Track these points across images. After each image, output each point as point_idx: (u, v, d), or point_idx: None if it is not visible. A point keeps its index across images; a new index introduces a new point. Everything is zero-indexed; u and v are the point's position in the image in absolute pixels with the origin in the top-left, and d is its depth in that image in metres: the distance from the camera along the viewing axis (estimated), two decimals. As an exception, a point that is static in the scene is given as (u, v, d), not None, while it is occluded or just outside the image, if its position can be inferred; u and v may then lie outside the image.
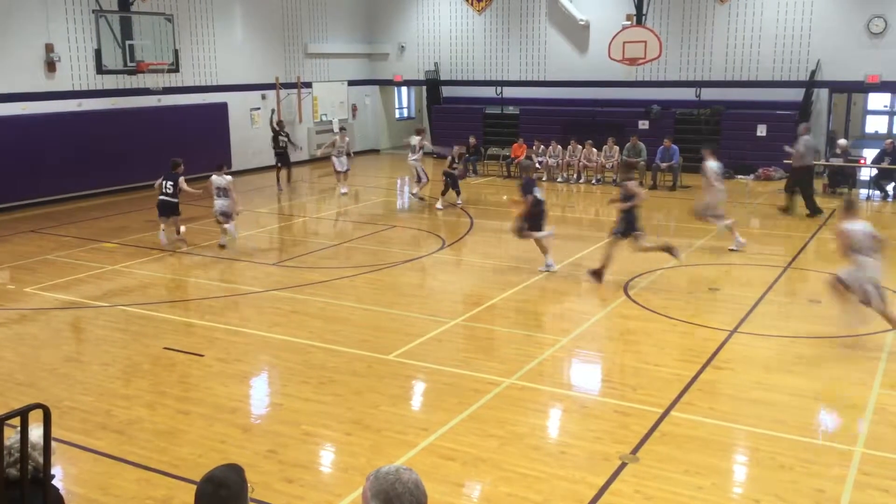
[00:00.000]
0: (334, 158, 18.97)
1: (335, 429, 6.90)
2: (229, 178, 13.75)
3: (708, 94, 21.97)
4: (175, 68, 19.58)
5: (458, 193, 17.43)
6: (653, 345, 8.88)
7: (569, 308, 10.51)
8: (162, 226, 13.60)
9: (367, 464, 6.14)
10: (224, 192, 13.56)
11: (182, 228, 13.78)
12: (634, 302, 10.39)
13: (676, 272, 12.01)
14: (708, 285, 11.20)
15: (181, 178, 13.44)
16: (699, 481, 5.93)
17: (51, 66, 17.65)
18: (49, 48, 17.56)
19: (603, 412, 7.19)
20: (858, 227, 8.79)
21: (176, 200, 13.41)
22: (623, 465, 6.14)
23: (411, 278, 11.95)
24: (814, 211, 16.37)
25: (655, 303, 10.29)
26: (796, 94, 21.08)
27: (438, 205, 16.99)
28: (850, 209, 9.19)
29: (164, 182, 13.45)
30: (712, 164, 13.56)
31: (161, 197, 13.43)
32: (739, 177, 21.08)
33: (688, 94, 22.22)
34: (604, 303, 10.46)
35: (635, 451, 6.37)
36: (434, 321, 9.69)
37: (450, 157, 17.42)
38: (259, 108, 23.08)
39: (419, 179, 18.03)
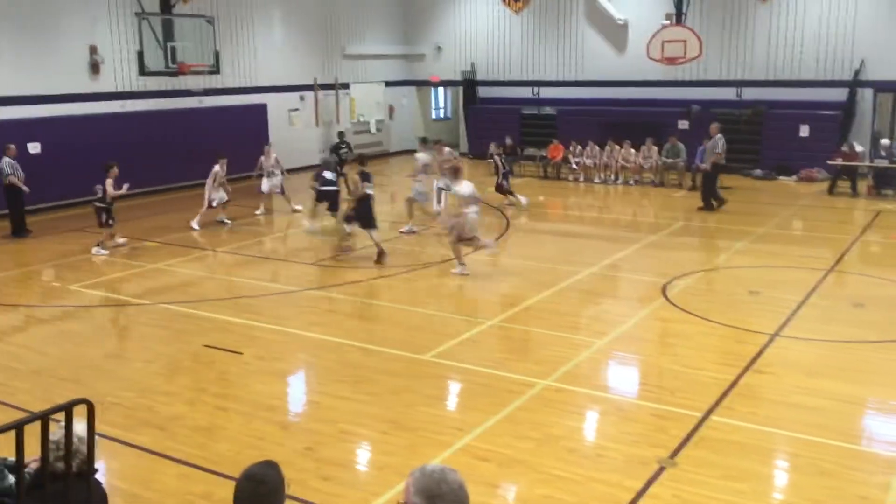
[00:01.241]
0: (263, 179, 16.76)
1: (371, 427, 6.93)
2: (215, 168, 15.20)
3: (749, 93, 21.67)
4: (216, 70, 19.84)
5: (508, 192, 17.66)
6: (692, 348, 8.77)
7: (606, 310, 10.43)
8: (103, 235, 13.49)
9: (403, 463, 6.16)
10: (215, 175, 15.20)
11: (121, 240, 13.79)
12: (673, 304, 10.27)
13: (716, 274, 11.87)
14: (748, 288, 11.03)
15: (108, 181, 13.25)
16: (738, 486, 5.84)
17: (95, 67, 18.00)
18: (93, 50, 17.93)
19: (640, 415, 7.13)
20: (464, 187, 11.62)
21: (102, 205, 13.26)
22: (661, 470, 6.07)
23: (447, 279, 11.95)
24: (706, 206, 16.67)
25: (695, 305, 10.16)
26: (840, 94, 20.67)
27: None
28: (456, 174, 12.04)
29: (96, 186, 13.40)
30: (421, 156, 15.46)
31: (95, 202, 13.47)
32: (782, 178, 20.78)
33: (728, 93, 21.92)
34: (642, 305, 10.36)
35: (673, 455, 6.30)
36: (470, 322, 9.68)
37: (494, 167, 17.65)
38: (297, 109, 23.29)
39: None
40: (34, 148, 16.63)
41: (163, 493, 5.89)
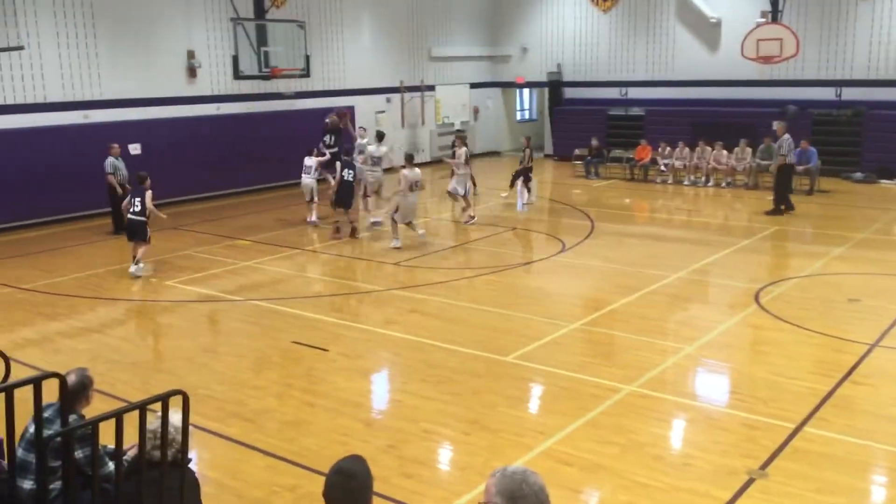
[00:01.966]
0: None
1: (453, 427, 6.96)
2: (312, 160, 15.84)
3: (849, 93, 20.79)
4: (306, 73, 20.30)
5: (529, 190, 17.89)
6: (785, 357, 8.47)
7: (695, 315, 10.18)
8: (134, 254, 12.38)
9: (485, 464, 6.17)
10: (308, 169, 15.76)
11: (141, 264, 12.30)
12: (766, 311, 9.95)
13: (812, 281, 11.43)
14: (847, 295, 10.58)
15: (148, 195, 12.25)
16: (833, 501, 5.62)
17: (192, 71, 18.69)
18: (191, 55, 18.61)
19: (730, 425, 6.93)
20: (409, 172, 13.35)
21: (143, 219, 12.19)
22: (751, 481, 5.89)
23: (530, 281, 11.90)
24: (776, 210, 16.18)
25: (789, 312, 9.81)
26: (948, 93, 19.62)
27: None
28: (408, 160, 13.80)
29: (131, 199, 12.38)
30: (371, 148, 16.10)
31: (128, 216, 12.35)
32: (883, 181, 19.85)
33: (827, 93, 21.08)
34: (733, 311, 10.07)
35: (764, 466, 6.10)
36: (552, 324, 9.61)
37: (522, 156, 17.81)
38: (384, 111, 23.61)
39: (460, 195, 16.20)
40: (135, 149, 17.36)
41: (251, 483, 6.06)
